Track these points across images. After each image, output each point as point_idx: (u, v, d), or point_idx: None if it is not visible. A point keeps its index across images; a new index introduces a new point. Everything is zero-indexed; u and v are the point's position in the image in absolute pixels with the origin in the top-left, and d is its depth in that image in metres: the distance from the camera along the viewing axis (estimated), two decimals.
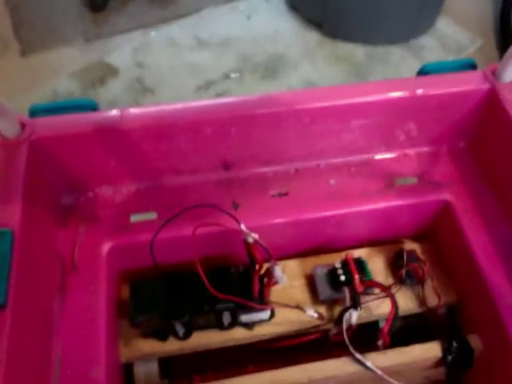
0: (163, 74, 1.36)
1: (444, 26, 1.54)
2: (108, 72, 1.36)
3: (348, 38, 1.47)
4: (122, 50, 1.41)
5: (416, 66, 1.45)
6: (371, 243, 0.72)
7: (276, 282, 0.60)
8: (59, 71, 1.35)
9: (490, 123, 0.66)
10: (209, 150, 0.63)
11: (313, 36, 1.48)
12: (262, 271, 0.60)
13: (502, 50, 1.48)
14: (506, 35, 1.47)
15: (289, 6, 1.55)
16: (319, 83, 1.36)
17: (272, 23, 1.50)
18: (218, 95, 1.32)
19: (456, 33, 1.53)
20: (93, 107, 0.61)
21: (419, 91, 0.63)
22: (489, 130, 0.67)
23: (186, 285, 0.61)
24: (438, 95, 0.64)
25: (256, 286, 0.60)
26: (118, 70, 1.36)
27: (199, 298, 0.60)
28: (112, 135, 0.59)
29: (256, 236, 0.56)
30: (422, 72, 0.68)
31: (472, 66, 0.68)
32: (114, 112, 0.59)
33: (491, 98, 0.64)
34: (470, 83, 0.64)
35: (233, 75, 1.37)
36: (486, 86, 0.64)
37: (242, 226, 0.55)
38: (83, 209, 0.64)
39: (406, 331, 0.69)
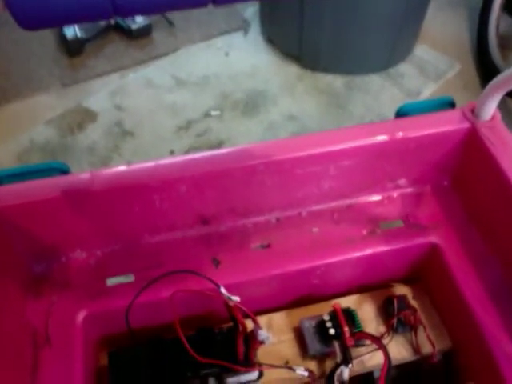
0: (142, 116, 1.34)
1: (422, 52, 1.55)
2: (86, 117, 1.34)
3: (327, 69, 1.47)
4: (100, 94, 1.39)
5: (395, 93, 1.45)
6: (360, 289, 0.69)
7: (262, 342, 0.57)
8: (36, 119, 1.33)
9: (472, 161, 0.65)
10: (185, 207, 0.61)
11: (292, 69, 1.48)
12: (247, 331, 0.57)
13: (481, 72, 1.48)
14: (484, 57, 1.47)
15: (266, 41, 1.55)
16: (300, 116, 1.35)
17: (250, 59, 1.50)
18: (199, 135, 1.30)
19: (434, 58, 1.53)
20: (62, 170, 0.58)
21: (399, 134, 0.61)
22: (471, 168, 0.65)
23: (167, 351, 0.59)
24: (417, 137, 0.62)
25: (241, 349, 0.57)
26: (96, 115, 1.34)
27: (182, 365, 0.57)
28: (83, 199, 0.57)
29: (237, 299, 0.53)
30: (401, 113, 0.67)
31: (450, 104, 0.67)
32: (84, 175, 0.57)
33: (471, 137, 0.63)
34: (450, 123, 0.63)
35: (213, 113, 1.35)
36: (465, 125, 0.63)
37: (222, 290, 0.53)
38: (56, 276, 0.61)
39: (401, 381, 0.67)
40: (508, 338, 0.57)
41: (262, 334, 0.56)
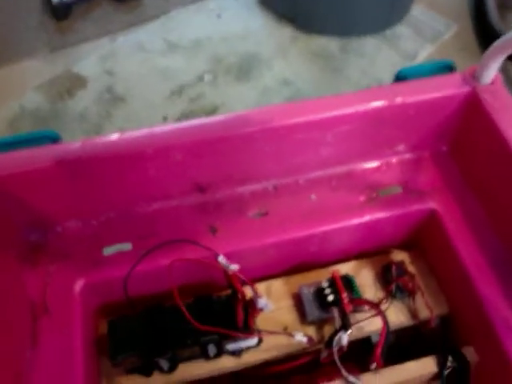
0: (134, 81, 1.32)
1: (419, 12, 1.52)
2: (76, 82, 1.31)
3: (322, 31, 1.43)
4: (90, 59, 1.36)
5: (392, 55, 1.43)
6: (358, 256, 0.69)
7: (261, 310, 0.57)
8: (25, 85, 1.30)
9: (472, 126, 0.64)
10: (181, 175, 0.60)
11: (286, 32, 1.45)
12: (246, 298, 0.57)
13: (479, 33, 1.46)
14: (482, 18, 1.45)
15: (259, 2, 1.51)
16: (294, 81, 1.33)
17: (243, 21, 1.46)
18: (192, 100, 1.28)
19: (431, 19, 1.50)
20: (54, 138, 0.57)
21: (397, 99, 0.60)
22: (471, 134, 0.64)
23: (166, 318, 0.58)
24: (417, 102, 0.61)
25: (240, 316, 0.57)
26: (86, 80, 1.31)
27: (181, 332, 0.57)
28: (75, 167, 0.56)
29: (236, 267, 0.53)
30: (399, 77, 0.65)
31: (450, 68, 0.65)
32: (76, 144, 0.55)
33: (472, 101, 0.62)
34: (450, 87, 0.61)
35: (206, 77, 1.33)
36: (465, 89, 0.61)
37: (221, 259, 0.53)
38: (52, 245, 0.60)
39: (398, 345, 0.67)
40: (505, 303, 0.58)
41: (261, 301, 0.56)
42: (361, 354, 0.63)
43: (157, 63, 1.35)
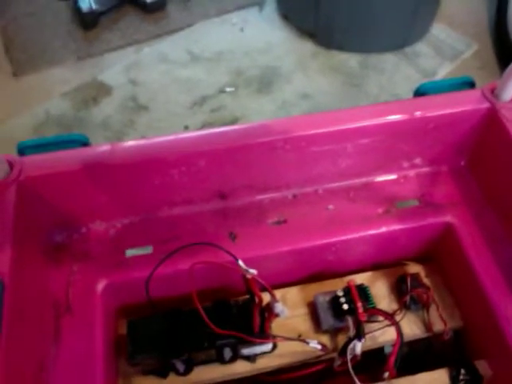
0: (157, 90, 1.35)
1: (439, 31, 1.53)
2: (101, 91, 1.34)
3: (342, 47, 1.45)
4: (115, 68, 1.39)
5: (411, 73, 1.44)
6: (374, 267, 0.70)
7: (277, 315, 0.59)
8: (51, 92, 1.33)
9: (490, 142, 0.65)
10: (203, 181, 0.62)
11: (306, 46, 1.47)
12: (263, 304, 0.58)
13: (499, 53, 1.46)
14: (503, 37, 1.45)
15: (281, 17, 1.54)
16: (314, 95, 1.34)
17: (265, 35, 1.49)
18: (213, 111, 1.30)
19: (451, 38, 1.51)
20: (83, 142, 0.59)
21: (417, 113, 0.62)
22: (489, 149, 0.65)
23: (184, 321, 0.60)
24: (436, 117, 0.62)
25: (257, 321, 0.58)
26: (111, 88, 1.35)
27: (199, 335, 0.59)
28: (102, 171, 0.58)
29: (254, 272, 0.54)
30: (419, 92, 0.66)
31: (470, 85, 0.67)
32: (104, 147, 0.57)
33: (491, 118, 0.63)
34: (469, 103, 0.63)
35: (227, 89, 1.35)
36: (485, 106, 0.62)
37: (240, 263, 0.54)
38: (76, 246, 0.62)
39: (411, 357, 0.68)
40: None
41: (278, 306, 0.57)
42: (373, 365, 0.63)
43: (179, 74, 1.38)
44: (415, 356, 0.68)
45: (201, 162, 0.59)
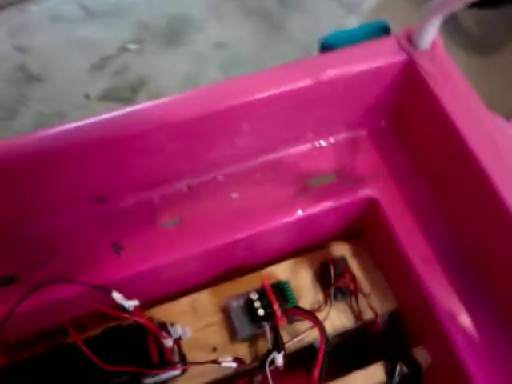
0: (50, 56, 1.17)
1: None
2: None
3: None
4: None
5: (334, 7, 1.31)
6: (294, 254, 0.61)
7: (180, 339, 0.49)
8: None
9: (411, 99, 0.55)
10: (70, 185, 0.50)
11: None
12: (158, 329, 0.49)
13: None
14: None
15: None
16: (230, 44, 1.21)
17: None
18: (116, 73, 1.15)
19: None
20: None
21: (323, 76, 0.51)
22: (410, 108, 0.56)
23: (69, 359, 0.50)
24: (345, 77, 0.52)
25: (154, 350, 0.49)
26: None
27: (86, 375, 0.49)
28: None
29: (134, 303, 0.44)
30: (326, 45, 0.55)
31: (384, 30, 0.56)
32: None
33: (409, 70, 0.53)
34: (383, 56, 0.52)
35: (131, 46, 1.20)
36: (401, 58, 0.52)
37: (115, 295, 0.43)
38: None
39: (345, 349, 0.60)
40: (454, 298, 0.51)
41: (176, 330, 0.48)
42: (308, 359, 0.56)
43: (74, 34, 1.21)
44: (349, 348, 0.61)
45: (60, 163, 0.47)
